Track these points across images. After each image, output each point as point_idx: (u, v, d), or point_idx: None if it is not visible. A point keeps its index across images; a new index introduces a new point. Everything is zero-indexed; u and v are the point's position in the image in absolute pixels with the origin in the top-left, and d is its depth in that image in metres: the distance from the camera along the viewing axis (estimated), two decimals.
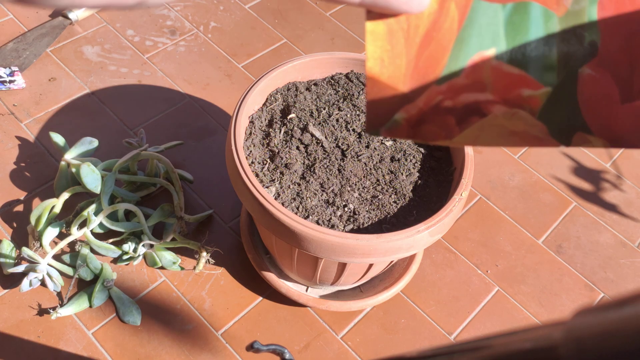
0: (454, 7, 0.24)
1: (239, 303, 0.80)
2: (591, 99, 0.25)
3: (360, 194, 0.65)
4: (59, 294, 0.77)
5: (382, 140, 0.69)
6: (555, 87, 0.25)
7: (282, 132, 0.69)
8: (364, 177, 0.66)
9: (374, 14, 0.23)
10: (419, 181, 0.67)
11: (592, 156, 1.04)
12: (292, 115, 0.69)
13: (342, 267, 0.66)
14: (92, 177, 0.76)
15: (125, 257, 0.79)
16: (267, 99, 0.72)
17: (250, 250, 0.80)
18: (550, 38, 0.24)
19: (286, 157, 0.66)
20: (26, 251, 0.74)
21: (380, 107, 0.24)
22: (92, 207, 0.78)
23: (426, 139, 0.25)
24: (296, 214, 0.63)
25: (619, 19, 0.24)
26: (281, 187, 0.65)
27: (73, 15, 1.06)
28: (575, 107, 0.25)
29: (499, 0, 0.24)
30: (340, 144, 0.68)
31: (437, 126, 0.25)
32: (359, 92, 0.72)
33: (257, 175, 0.65)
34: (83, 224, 0.79)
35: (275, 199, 0.64)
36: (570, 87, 0.25)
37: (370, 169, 0.67)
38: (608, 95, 0.25)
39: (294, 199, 0.64)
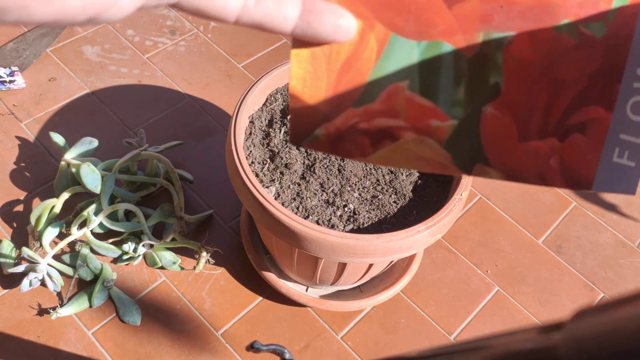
0: (373, 39, 0.26)
1: (239, 303, 0.80)
2: (492, 136, 0.27)
3: (360, 194, 0.65)
4: (59, 294, 0.77)
5: None
6: (461, 121, 0.27)
7: (282, 132, 0.69)
8: (364, 177, 0.66)
9: (300, 42, 0.25)
10: (419, 181, 0.67)
11: None
12: None
13: (342, 267, 0.66)
14: (92, 177, 0.76)
15: (125, 257, 0.79)
16: (267, 98, 0.72)
17: (250, 250, 0.80)
18: (459, 76, 0.26)
19: (286, 157, 0.66)
20: (26, 251, 0.74)
21: (303, 123, 0.27)
22: (92, 207, 0.78)
23: (343, 155, 0.27)
24: (296, 214, 0.63)
25: (521, 67, 0.26)
26: (281, 187, 0.65)
27: None
28: (477, 141, 0.27)
29: (414, 38, 0.26)
30: None
31: (353, 145, 0.27)
32: None
33: (257, 175, 0.65)
34: (83, 224, 0.79)
35: (275, 199, 0.64)
36: (474, 123, 0.27)
37: (370, 168, 0.67)
38: (507, 133, 0.27)
39: (294, 199, 0.64)
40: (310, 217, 0.63)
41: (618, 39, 0.26)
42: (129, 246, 0.78)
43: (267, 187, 0.65)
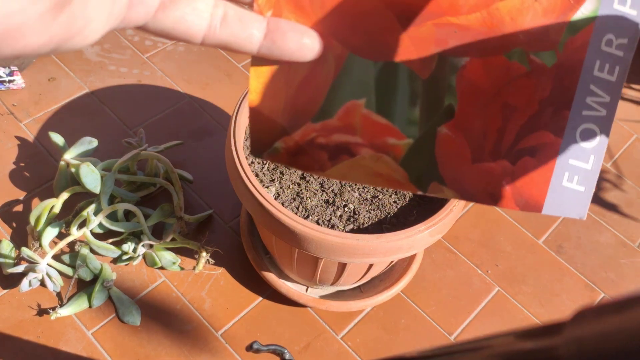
0: (331, 57, 0.27)
1: (239, 303, 0.79)
2: (446, 156, 0.28)
3: (360, 194, 0.65)
4: (59, 294, 0.77)
5: None
6: (417, 140, 0.28)
7: None
8: None
9: (260, 59, 0.26)
10: None
11: None
12: None
13: (342, 267, 0.66)
14: (91, 177, 0.76)
15: (124, 257, 0.79)
16: None
17: (250, 250, 0.80)
18: (414, 96, 0.27)
19: None
20: (26, 251, 0.73)
21: (263, 135, 0.27)
22: (92, 207, 0.78)
23: (302, 169, 0.28)
24: (296, 214, 0.63)
25: (474, 90, 0.27)
26: (281, 187, 0.65)
27: None
28: (432, 160, 0.28)
29: (371, 58, 0.27)
30: None
31: (312, 159, 0.28)
32: None
33: (257, 175, 0.65)
34: (82, 224, 0.78)
35: (275, 199, 0.64)
36: (429, 142, 0.28)
37: None
38: (461, 154, 0.28)
39: (294, 199, 0.64)
40: (310, 217, 0.63)
41: (568, 68, 0.27)
42: (128, 246, 0.78)
43: (267, 187, 0.64)
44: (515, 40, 0.27)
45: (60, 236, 0.80)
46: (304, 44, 0.25)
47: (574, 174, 0.28)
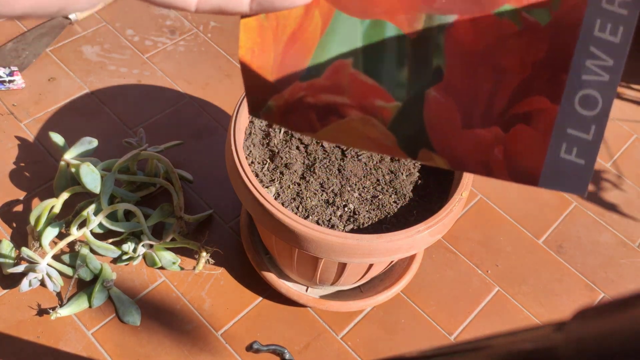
0: (317, 14, 0.26)
1: (238, 303, 0.79)
2: (435, 120, 0.27)
3: (360, 194, 0.65)
4: (59, 294, 0.77)
5: None
6: (405, 103, 0.27)
7: (282, 131, 0.69)
8: (364, 176, 0.66)
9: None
10: (419, 181, 0.67)
11: None
12: None
13: (342, 267, 0.66)
14: (91, 177, 0.76)
15: (124, 257, 0.79)
16: None
17: (250, 250, 0.80)
18: (402, 57, 0.26)
19: (286, 157, 0.66)
20: (26, 251, 0.73)
21: (256, 92, 0.27)
22: (92, 207, 0.78)
23: (294, 129, 0.28)
24: (296, 214, 0.63)
25: (463, 51, 0.26)
26: (281, 187, 0.65)
27: (72, 14, 1.06)
28: (421, 125, 0.27)
29: (358, 15, 0.26)
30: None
31: (302, 118, 0.28)
32: None
33: (257, 175, 0.65)
34: (82, 224, 0.78)
35: (275, 199, 0.64)
36: (417, 106, 0.27)
37: (371, 168, 0.67)
38: (450, 119, 0.26)
39: (294, 199, 0.64)
40: (310, 217, 0.63)
41: (564, 28, 0.25)
42: (128, 246, 0.78)
43: (267, 187, 0.64)
44: None
45: (60, 236, 0.80)
46: None
47: (573, 144, 0.25)
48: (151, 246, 0.80)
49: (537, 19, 0.25)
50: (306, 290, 0.80)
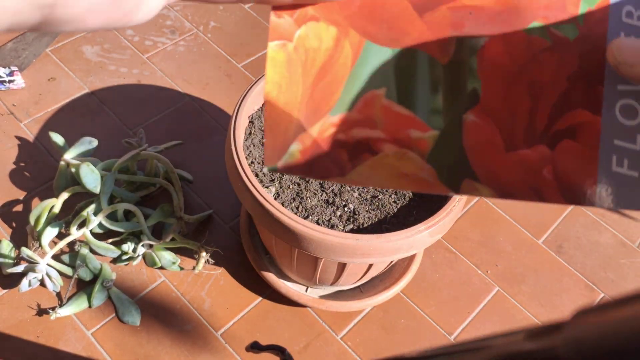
0: (348, 45, 0.26)
1: (238, 303, 0.79)
2: (476, 145, 0.26)
3: (360, 194, 0.65)
4: (58, 294, 0.77)
5: None
6: (442, 131, 0.26)
7: None
8: None
9: (275, 33, 0.25)
10: None
11: None
12: None
13: (342, 267, 0.66)
14: (91, 177, 0.76)
15: (124, 257, 0.79)
16: None
17: (250, 250, 0.80)
18: (435, 83, 0.26)
19: None
20: (25, 251, 0.73)
21: (278, 135, 0.25)
22: (92, 207, 0.78)
23: (318, 175, 0.26)
24: (296, 214, 0.63)
25: (497, 70, 0.26)
26: (281, 187, 0.65)
27: None
28: (462, 152, 0.26)
29: (388, 45, 0.26)
30: None
31: (331, 161, 0.26)
32: None
33: (256, 175, 0.65)
34: (82, 224, 0.78)
35: (275, 199, 0.64)
36: (456, 132, 0.26)
37: None
38: (492, 142, 0.26)
39: (294, 199, 0.64)
40: (310, 217, 0.63)
41: (592, 41, 0.25)
42: (128, 246, 0.78)
43: (266, 187, 0.64)
44: (533, 15, 0.25)
45: (60, 236, 0.80)
46: None
47: (623, 156, 0.25)
48: (151, 246, 0.80)
49: (566, 35, 0.25)
50: (306, 291, 0.80)
